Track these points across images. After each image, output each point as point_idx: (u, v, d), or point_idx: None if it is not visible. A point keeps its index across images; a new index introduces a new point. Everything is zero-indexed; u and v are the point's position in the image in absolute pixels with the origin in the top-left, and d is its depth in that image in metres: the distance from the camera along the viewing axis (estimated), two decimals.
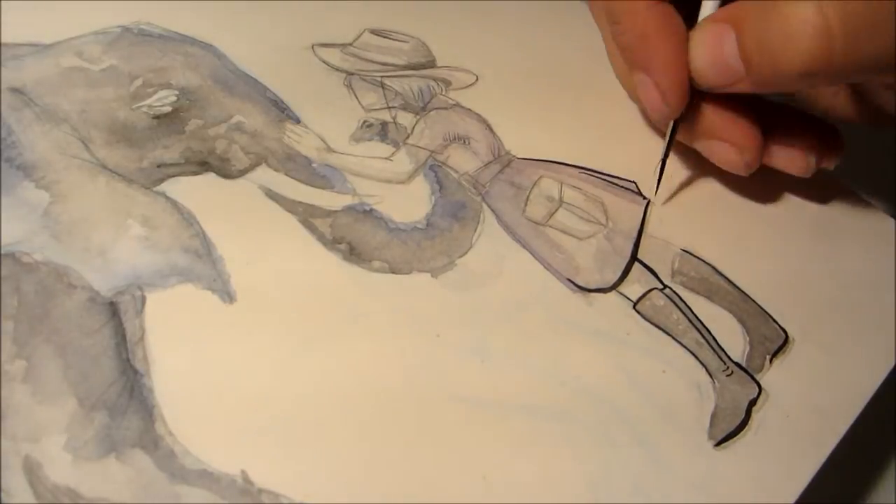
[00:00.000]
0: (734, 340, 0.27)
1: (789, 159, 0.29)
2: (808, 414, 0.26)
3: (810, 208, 0.31)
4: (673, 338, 0.27)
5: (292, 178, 0.28)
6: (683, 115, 0.28)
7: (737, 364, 0.27)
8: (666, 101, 0.27)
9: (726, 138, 0.29)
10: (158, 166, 0.28)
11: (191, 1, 0.33)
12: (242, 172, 0.28)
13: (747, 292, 0.28)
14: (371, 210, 0.28)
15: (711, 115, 0.28)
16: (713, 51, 0.26)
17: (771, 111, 0.30)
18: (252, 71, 0.31)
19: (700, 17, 0.27)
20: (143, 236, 0.26)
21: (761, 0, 0.25)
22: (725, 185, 0.31)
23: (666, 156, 0.30)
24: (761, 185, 0.31)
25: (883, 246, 0.31)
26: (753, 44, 0.25)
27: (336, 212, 0.28)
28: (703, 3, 0.27)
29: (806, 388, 0.27)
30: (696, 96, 0.28)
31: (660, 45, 0.27)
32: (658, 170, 0.30)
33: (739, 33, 0.25)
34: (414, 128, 0.31)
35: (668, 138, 0.29)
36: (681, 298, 0.28)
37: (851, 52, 0.23)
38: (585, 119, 0.33)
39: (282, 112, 0.30)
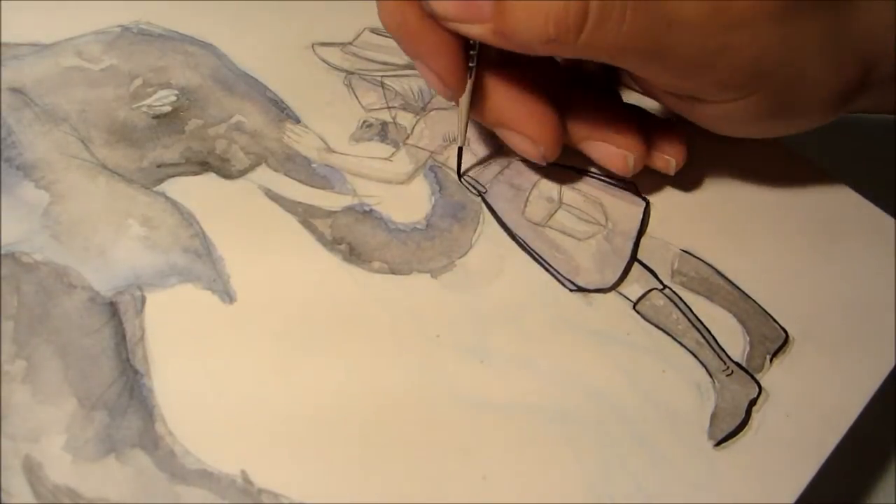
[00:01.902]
0: (734, 340, 0.27)
1: (604, 154, 0.29)
2: (809, 414, 0.26)
3: (810, 208, 0.31)
4: (673, 338, 0.27)
5: (292, 178, 0.28)
6: (480, 99, 0.27)
7: (737, 364, 0.27)
8: (447, 84, 0.26)
9: (520, 129, 0.28)
10: (158, 166, 0.28)
11: (191, 1, 0.33)
12: (242, 172, 0.28)
13: (747, 292, 0.28)
14: (371, 210, 0.28)
15: (503, 104, 0.28)
16: None
17: (593, 101, 0.29)
18: (252, 70, 0.31)
19: None
20: (143, 236, 0.26)
21: None
22: (725, 185, 0.31)
23: (462, 138, 0.29)
24: (761, 185, 0.31)
25: (883, 246, 0.31)
26: None
27: (336, 212, 0.28)
28: None
29: (806, 388, 0.27)
30: (490, 76, 0.27)
31: (422, 33, 0.25)
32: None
33: None
34: (414, 128, 0.31)
35: (460, 118, 0.28)
36: (680, 298, 0.28)
37: (598, 33, 0.23)
38: None
39: (282, 112, 0.30)
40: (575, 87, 0.29)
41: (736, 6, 0.23)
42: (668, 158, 0.29)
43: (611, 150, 0.29)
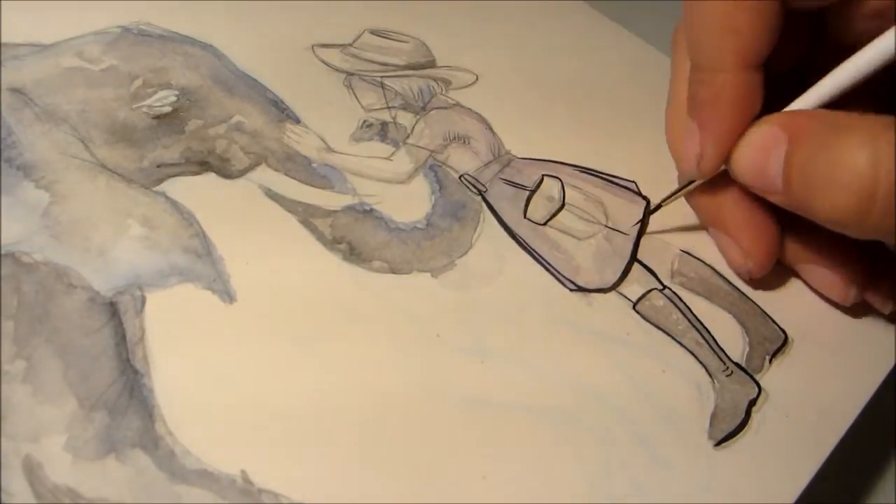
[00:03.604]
0: (734, 341, 0.27)
1: (825, 281, 0.27)
2: (808, 414, 0.26)
3: None
4: (673, 338, 0.27)
5: (292, 177, 0.28)
6: (705, 191, 0.27)
7: (736, 364, 0.27)
8: (701, 165, 0.26)
9: (735, 236, 0.27)
10: (158, 166, 0.28)
11: (191, 1, 0.33)
12: (242, 172, 0.28)
13: (746, 293, 0.29)
14: (371, 210, 0.28)
15: (730, 209, 0.27)
16: (759, 156, 0.24)
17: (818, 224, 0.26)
18: (252, 71, 0.31)
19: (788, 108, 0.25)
20: (143, 236, 0.26)
21: (829, 119, 0.23)
22: None
23: (664, 203, 0.29)
24: None
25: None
26: (798, 171, 0.23)
27: (336, 212, 0.28)
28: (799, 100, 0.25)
29: (806, 389, 0.27)
30: (723, 174, 0.27)
31: (729, 112, 0.25)
32: (649, 209, 0.29)
33: (792, 150, 0.23)
34: (414, 127, 0.31)
35: (677, 191, 0.28)
36: (680, 299, 0.28)
37: (888, 219, 0.21)
38: (585, 118, 0.33)
39: (282, 112, 0.30)
40: None
41: None
42: (886, 301, 0.27)
43: (831, 276, 0.27)
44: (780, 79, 0.26)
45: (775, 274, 0.29)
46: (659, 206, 0.29)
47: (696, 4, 0.25)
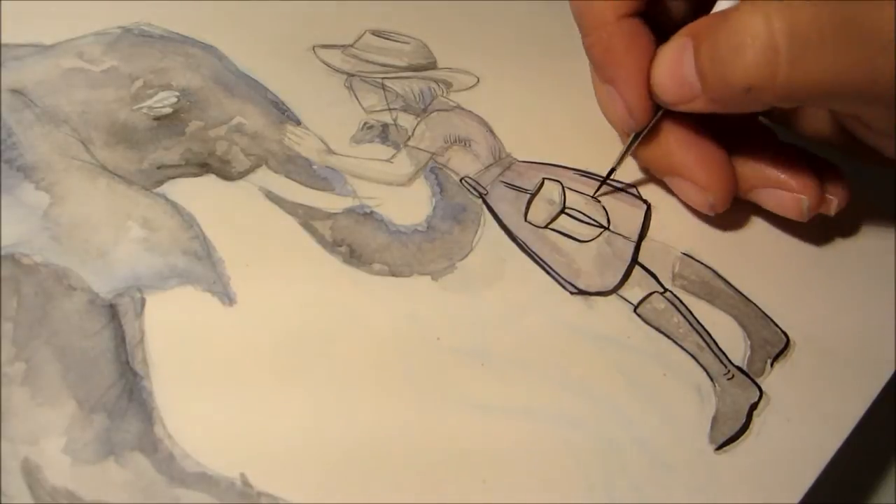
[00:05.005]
0: (735, 344, 0.27)
1: (778, 200, 0.29)
2: (810, 418, 0.26)
3: None
4: (674, 341, 0.27)
5: (293, 179, 0.28)
6: (650, 144, 0.28)
7: (738, 368, 0.27)
8: (631, 114, 0.27)
9: (690, 176, 0.28)
10: (159, 168, 0.28)
11: (191, 1, 0.33)
12: (243, 174, 0.28)
13: (748, 296, 0.28)
14: (371, 212, 0.28)
15: (677, 152, 0.28)
16: (673, 65, 0.26)
17: (763, 147, 0.29)
18: (253, 72, 0.31)
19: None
20: (143, 238, 0.26)
21: (724, 11, 0.24)
22: None
23: (618, 164, 0.29)
24: None
25: (884, 249, 0.31)
26: (706, 57, 0.24)
27: (336, 214, 0.28)
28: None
29: (807, 393, 0.27)
30: (662, 122, 0.28)
31: (624, 59, 0.27)
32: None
33: (697, 46, 0.25)
34: (415, 130, 0.31)
35: (626, 148, 0.29)
36: (681, 302, 0.28)
37: (796, 70, 0.23)
38: (586, 121, 0.32)
39: (282, 114, 0.30)
40: (740, 135, 0.29)
41: None
42: (831, 198, 0.28)
43: (784, 196, 0.28)
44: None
45: (776, 277, 0.29)
46: (613, 170, 0.30)
47: None
